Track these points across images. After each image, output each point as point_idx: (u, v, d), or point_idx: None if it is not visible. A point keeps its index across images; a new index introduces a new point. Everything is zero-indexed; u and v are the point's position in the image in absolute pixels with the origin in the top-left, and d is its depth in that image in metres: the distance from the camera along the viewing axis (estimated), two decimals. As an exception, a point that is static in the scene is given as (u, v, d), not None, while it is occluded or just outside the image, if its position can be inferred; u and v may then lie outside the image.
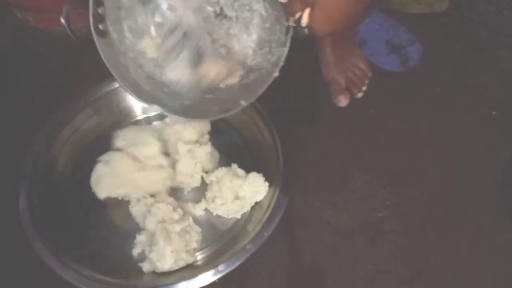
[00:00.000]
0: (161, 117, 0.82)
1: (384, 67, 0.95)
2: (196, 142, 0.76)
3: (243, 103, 0.63)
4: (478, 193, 0.77)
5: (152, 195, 0.73)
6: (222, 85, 0.68)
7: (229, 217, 0.72)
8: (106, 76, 0.82)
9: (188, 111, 0.65)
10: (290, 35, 0.61)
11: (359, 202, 0.76)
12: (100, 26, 0.63)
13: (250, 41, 0.67)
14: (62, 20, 0.62)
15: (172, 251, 0.65)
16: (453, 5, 1.04)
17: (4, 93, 0.92)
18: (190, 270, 0.66)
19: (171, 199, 0.73)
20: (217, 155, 0.78)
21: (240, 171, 0.73)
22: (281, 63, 0.62)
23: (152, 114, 0.86)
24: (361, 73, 0.90)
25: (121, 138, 0.75)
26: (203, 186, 0.75)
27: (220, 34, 0.68)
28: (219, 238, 0.71)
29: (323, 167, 0.81)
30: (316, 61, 0.92)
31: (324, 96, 0.90)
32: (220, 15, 0.68)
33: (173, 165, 0.74)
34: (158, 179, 0.71)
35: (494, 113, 0.88)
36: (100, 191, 0.72)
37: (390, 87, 0.92)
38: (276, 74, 0.62)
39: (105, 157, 0.73)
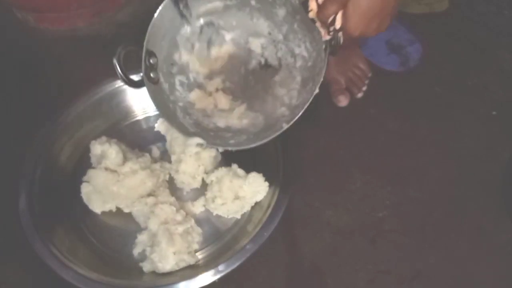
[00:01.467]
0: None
1: (384, 67, 0.95)
2: (202, 144, 0.76)
3: (285, 125, 0.63)
4: (478, 193, 0.77)
5: (152, 195, 0.73)
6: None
7: (229, 217, 0.72)
8: (106, 76, 0.83)
9: (230, 145, 0.66)
10: (327, 52, 0.61)
11: (359, 202, 0.76)
12: (152, 75, 0.65)
13: (295, 84, 0.68)
14: (115, 61, 0.62)
15: (174, 253, 0.65)
16: (453, 5, 1.04)
17: (4, 93, 0.92)
18: (190, 270, 0.66)
19: (172, 199, 0.73)
20: (219, 156, 0.78)
21: (240, 171, 0.73)
22: (321, 79, 0.62)
23: (152, 114, 0.86)
24: (361, 73, 0.90)
25: (92, 155, 0.76)
26: (203, 186, 0.75)
27: (266, 83, 0.70)
28: (219, 238, 0.71)
29: (323, 167, 0.81)
30: (316, 61, 0.92)
31: (324, 96, 0.90)
32: (265, 65, 0.70)
33: (148, 166, 0.74)
34: (136, 184, 0.71)
35: (494, 113, 0.88)
36: (93, 207, 0.73)
37: (390, 87, 0.92)
38: (316, 91, 0.62)
39: (86, 177, 0.73)
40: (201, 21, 0.69)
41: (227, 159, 0.78)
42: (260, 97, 0.70)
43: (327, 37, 0.59)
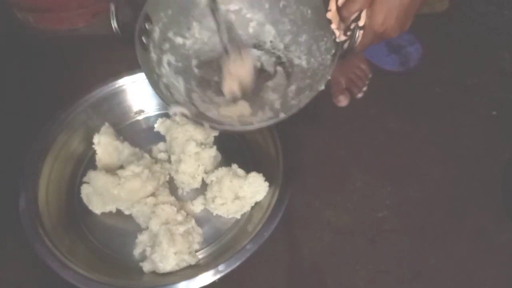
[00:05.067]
0: (165, 115, 0.82)
1: (384, 67, 0.95)
2: (202, 144, 0.76)
3: (282, 115, 0.61)
4: (478, 193, 0.77)
5: (152, 195, 0.73)
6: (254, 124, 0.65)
7: (229, 217, 0.73)
8: (106, 76, 0.83)
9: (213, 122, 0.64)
10: (337, 56, 0.59)
11: (359, 202, 0.76)
12: (143, 39, 0.63)
13: (289, 91, 0.66)
14: (112, 8, 0.64)
15: (175, 253, 0.65)
16: (453, 5, 1.04)
17: (4, 93, 0.92)
18: (190, 270, 0.66)
19: (172, 198, 0.73)
20: (219, 156, 0.78)
21: (240, 171, 0.73)
22: (328, 77, 0.59)
23: (152, 114, 0.86)
24: (362, 73, 0.90)
25: (97, 157, 0.77)
26: (203, 186, 0.75)
27: (257, 86, 0.67)
28: (219, 238, 0.71)
29: (323, 167, 0.81)
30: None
31: (324, 96, 0.90)
32: (260, 70, 0.68)
33: (150, 168, 0.74)
34: (137, 187, 0.70)
35: (494, 113, 0.88)
36: (93, 208, 0.73)
37: (390, 87, 0.92)
38: (321, 88, 0.59)
39: (86, 177, 0.73)
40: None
41: (227, 159, 0.78)
42: (248, 98, 0.68)
43: (342, 38, 0.58)
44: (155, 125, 0.82)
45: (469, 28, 1.02)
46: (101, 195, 0.71)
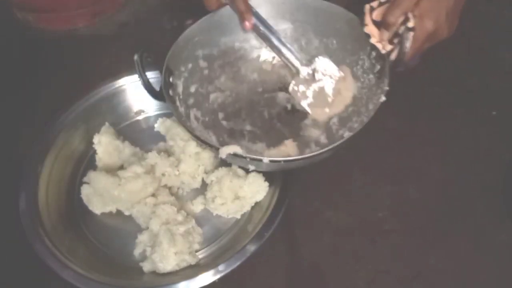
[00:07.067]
0: (165, 115, 0.82)
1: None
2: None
3: (347, 134, 0.60)
4: (478, 193, 0.77)
5: (152, 195, 0.73)
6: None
7: (229, 217, 0.73)
8: (106, 76, 0.83)
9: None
10: (386, 69, 0.58)
11: (359, 202, 0.76)
12: (170, 93, 0.63)
13: (331, 124, 0.65)
14: (136, 58, 0.63)
15: (175, 253, 0.65)
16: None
17: (4, 93, 0.92)
18: (190, 270, 0.66)
19: (172, 198, 0.73)
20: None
21: (240, 171, 0.73)
22: (383, 98, 0.58)
23: (152, 114, 0.86)
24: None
25: (98, 157, 0.77)
26: (203, 186, 0.75)
27: (294, 126, 0.67)
28: (219, 238, 0.71)
29: (323, 167, 0.80)
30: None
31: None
32: (292, 110, 0.68)
33: (151, 168, 0.73)
34: (138, 189, 0.70)
35: (494, 113, 0.88)
36: (93, 209, 0.73)
37: (390, 87, 0.92)
38: (382, 99, 0.59)
39: (86, 178, 0.73)
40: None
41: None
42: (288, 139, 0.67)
43: (388, 48, 0.56)
44: (155, 125, 0.82)
45: (469, 28, 1.02)
46: (101, 195, 0.71)
